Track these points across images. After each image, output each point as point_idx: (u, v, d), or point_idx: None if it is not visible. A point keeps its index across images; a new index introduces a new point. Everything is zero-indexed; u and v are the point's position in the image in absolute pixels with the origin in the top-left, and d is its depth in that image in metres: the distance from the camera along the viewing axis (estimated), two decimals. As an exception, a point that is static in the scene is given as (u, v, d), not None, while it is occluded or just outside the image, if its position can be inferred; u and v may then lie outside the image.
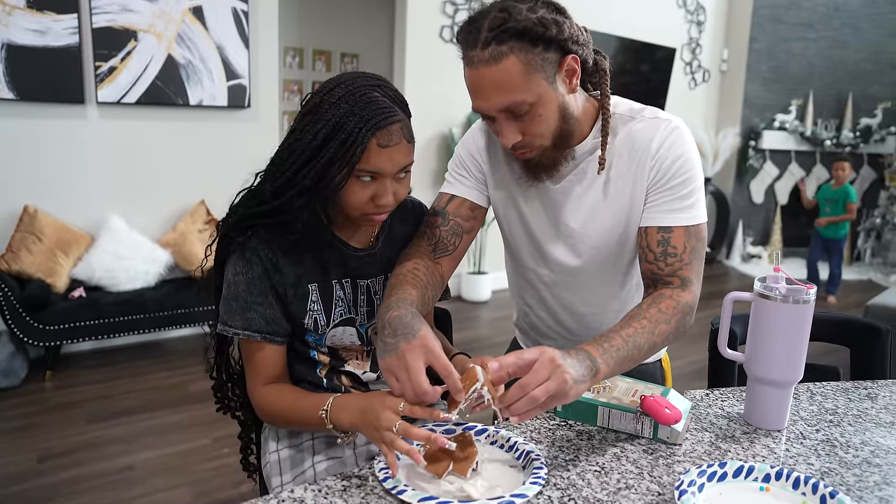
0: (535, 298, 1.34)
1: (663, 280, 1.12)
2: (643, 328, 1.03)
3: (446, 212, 1.22)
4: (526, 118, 1.04)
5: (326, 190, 1.01)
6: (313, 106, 1.01)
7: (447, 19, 4.51)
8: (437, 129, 4.61)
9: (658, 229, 1.13)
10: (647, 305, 1.08)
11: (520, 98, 1.01)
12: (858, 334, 1.52)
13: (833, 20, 6.18)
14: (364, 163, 0.99)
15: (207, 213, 3.72)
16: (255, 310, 1.08)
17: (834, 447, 1.06)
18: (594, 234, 1.20)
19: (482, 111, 1.06)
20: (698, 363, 3.71)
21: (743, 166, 6.29)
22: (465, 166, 1.26)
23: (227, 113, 3.78)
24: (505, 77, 1.00)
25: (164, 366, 3.36)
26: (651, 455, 1.01)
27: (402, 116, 1.02)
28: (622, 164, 1.15)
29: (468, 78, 1.04)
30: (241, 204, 1.09)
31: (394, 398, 0.91)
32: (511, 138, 1.06)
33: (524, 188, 1.22)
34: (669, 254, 1.12)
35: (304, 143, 1.00)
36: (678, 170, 1.12)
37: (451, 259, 1.21)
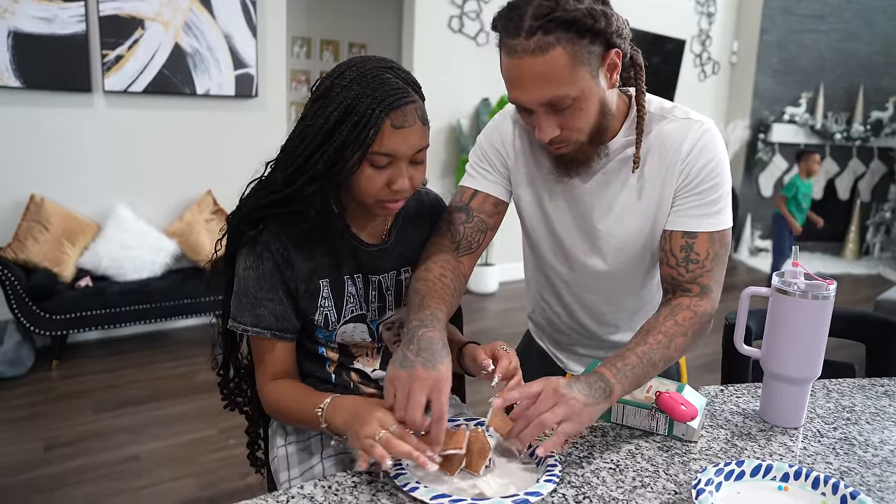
0: (554, 295, 1.31)
1: (682, 287, 1.10)
2: (658, 343, 1.02)
3: (470, 208, 1.19)
4: (566, 112, 1.00)
5: (340, 175, 0.98)
6: (324, 90, 0.99)
7: (455, 9, 4.47)
8: (446, 120, 4.58)
9: (683, 234, 1.11)
10: (664, 317, 1.06)
11: (563, 92, 0.97)
12: (874, 330, 1.49)
13: (845, 12, 6.11)
14: (378, 145, 0.96)
15: (214, 203, 3.70)
16: (266, 306, 1.05)
17: (852, 446, 1.04)
18: (620, 235, 1.17)
19: (520, 103, 1.01)
20: (709, 356, 3.68)
21: (752, 159, 6.23)
22: (488, 160, 1.21)
23: (235, 102, 3.76)
24: (550, 69, 0.95)
25: (171, 356, 3.36)
26: (666, 452, 0.99)
27: (415, 98, 1.00)
28: (653, 165, 1.12)
29: (507, 68, 0.99)
30: (252, 195, 1.07)
31: (390, 416, 0.88)
32: (549, 133, 1.02)
33: (550, 184, 1.18)
34: (692, 260, 1.10)
35: (316, 128, 0.97)
36: (708, 174, 1.09)
37: (472, 257, 1.19)
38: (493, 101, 4.64)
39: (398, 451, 0.84)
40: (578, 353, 1.38)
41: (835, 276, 5.57)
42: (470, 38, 4.57)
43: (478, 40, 4.59)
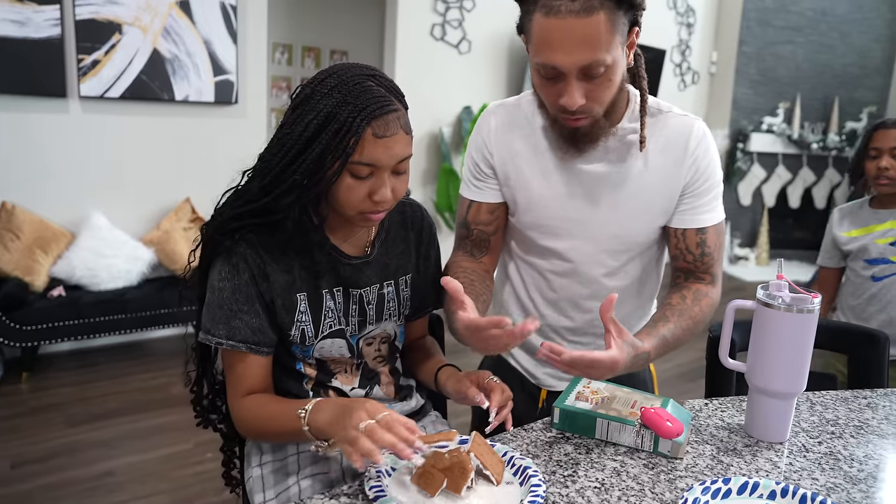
0: (540, 293, 1.28)
1: (696, 276, 1.20)
2: (686, 329, 1.12)
3: (468, 223, 1.26)
4: (596, 81, 1.01)
5: (319, 185, 0.96)
6: (304, 97, 0.96)
7: (438, 17, 4.46)
8: (427, 128, 4.56)
9: (696, 231, 1.18)
10: (692, 301, 1.15)
11: (602, 57, 0.98)
12: (857, 341, 1.50)
13: (820, 25, 6.21)
14: (358, 154, 0.94)
15: (193, 211, 3.65)
16: (241, 318, 1.02)
17: (838, 460, 1.03)
18: (616, 221, 1.18)
19: (557, 66, 1.00)
20: (687, 365, 3.70)
21: (731, 168, 6.29)
22: (475, 166, 1.24)
23: (214, 109, 3.71)
24: (593, 32, 0.96)
25: (146, 367, 3.29)
26: (652, 470, 0.97)
27: (398, 106, 0.98)
28: (656, 156, 1.15)
29: (547, 28, 0.97)
30: (227, 205, 1.03)
31: (378, 405, 0.87)
32: (578, 100, 1.02)
33: (545, 167, 1.18)
34: (706, 254, 1.19)
35: (295, 136, 0.95)
36: (712, 171, 1.16)
37: (490, 256, 1.28)
38: (475, 109, 4.63)
39: (382, 441, 0.82)
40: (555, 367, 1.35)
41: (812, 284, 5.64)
42: (452, 47, 4.56)
43: (460, 48, 4.58)
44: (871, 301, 1.88)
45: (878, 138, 1.86)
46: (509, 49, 4.82)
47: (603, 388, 1.14)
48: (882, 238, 1.85)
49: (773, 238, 6.52)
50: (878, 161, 1.84)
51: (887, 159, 1.82)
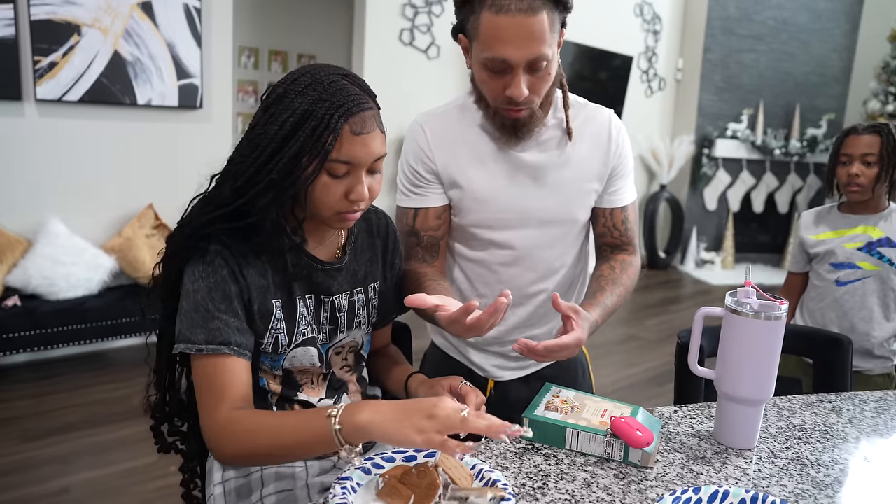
0: (489, 287, 1.32)
1: (621, 247, 1.34)
2: (620, 296, 1.25)
3: (417, 230, 1.29)
4: (537, 74, 1.12)
5: (296, 184, 0.93)
6: (277, 97, 0.94)
7: (406, 22, 4.45)
8: (395, 133, 4.53)
9: (621, 209, 1.33)
10: (620, 271, 1.29)
11: (545, 52, 1.09)
12: (821, 346, 1.51)
13: (781, 34, 6.35)
14: (337, 151, 0.92)
15: (156, 217, 3.56)
16: (219, 318, 0.94)
17: (805, 466, 1.04)
18: (556, 205, 1.28)
19: (506, 59, 1.08)
20: (654, 370, 3.73)
21: (697, 173, 6.39)
22: (415, 175, 1.28)
23: (178, 113, 3.63)
24: (539, 29, 1.06)
25: (108, 378, 3.19)
26: (622, 480, 0.96)
27: (373, 105, 0.97)
28: (585, 143, 1.27)
29: (498, 25, 1.06)
30: (196, 212, 0.98)
31: (455, 404, 0.80)
32: (524, 91, 1.11)
33: (486, 163, 1.25)
34: (629, 228, 1.34)
35: (269, 135, 0.92)
36: (629, 155, 1.32)
37: (441, 260, 1.32)
38: (445, 114, 4.63)
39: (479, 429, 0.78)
40: (510, 357, 1.38)
41: (775, 287, 5.74)
42: (421, 52, 4.55)
43: (429, 54, 4.58)
44: (832, 306, 1.90)
45: (848, 144, 1.86)
46: (478, 54, 4.83)
47: (573, 397, 1.13)
48: (850, 242, 1.87)
49: (738, 242, 6.64)
50: (849, 168, 1.84)
51: (858, 166, 1.83)
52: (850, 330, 1.82)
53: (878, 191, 1.84)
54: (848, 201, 1.92)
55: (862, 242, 1.85)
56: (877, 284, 1.85)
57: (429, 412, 0.79)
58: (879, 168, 1.80)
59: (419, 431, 0.78)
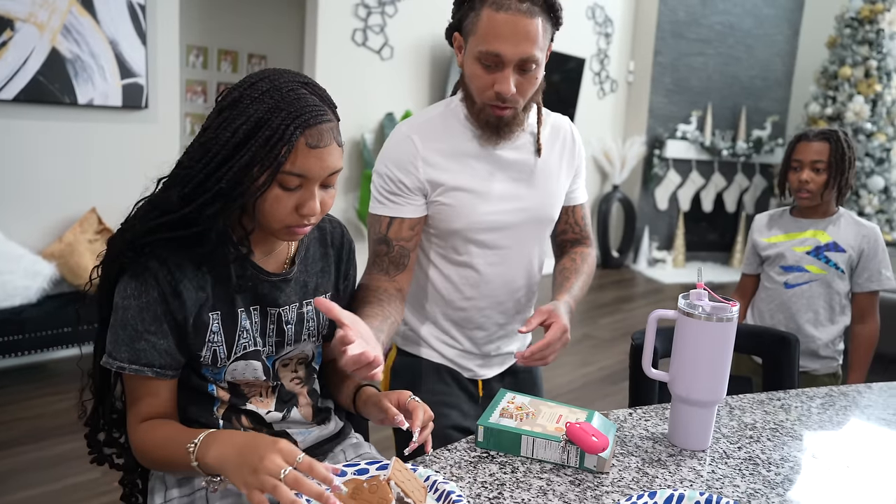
0: (475, 287, 1.35)
1: (580, 242, 1.46)
2: (585, 284, 1.38)
3: (389, 238, 1.28)
4: (526, 75, 1.19)
5: (245, 195, 0.89)
6: (232, 101, 0.90)
7: (359, 22, 4.40)
8: (349, 134, 4.48)
9: (581, 206, 1.46)
10: (581, 261, 1.41)
11: (536, 54, 1.16)
12: (770, 344, 1.54)
13: (728, 38, 6.52)
14: (291, 164, 0.89)
15: (99, 221, 3.42)
16: (147, 339, 0.93)
17: (757, 465, 1.05)
18: (538, 204, 1.34)
19: (501, 54, 1.15)
20: (609, 368, 3.77)
21: (648, 174, 6.51)
22: (397, 183, 1.26)
23: (122, 114, 3.50)
24: (534, 31, 1.15)
25: (50, 390, 3.05)
26: (578, 487, 0.95)
27: (332, 117, 0.93)
28: (554, 147, 1.37)
29: (497, 21, 1.13)
30: (140, 216, 0.94)
31: (293, 447, 0.79)
32: (511, 87, 1.17)
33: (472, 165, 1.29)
34: (587, 224, 1.48)
35: (221, 142, 0.88)
36: (584, 156, 1.43)
37: (405, 272, 1.30)
38: (398, 115, 4.59)
39: (310, 492, 0.75)
40: (490, 356, 1.42)
41: (724, 284, 5.90)
42: (374, 52, 4.50)
43: (382, 54, 4.53)
44: (780, 308, 1.95)
45: (799, 150, 1.89)
46: (431, 55, 4.81)
47: (528, 402, 1.12)
48: (800, 246, 1.92)
49: (689, 241, 6.79)
50: (800, 174, 1.88)
51: (808, 173, 1.86)
52: (797, 331, 1.86)
53: (826, 196, 1.88)
54: (799, 206, 1.96)
55: (810, 246, 1.90)
56: (823, 288, 1.89)
57: (254, 466, 0.77)
58: (828, 175, 1.85)
59: (245, 485, 0.77)
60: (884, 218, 5.54)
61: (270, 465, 0.76)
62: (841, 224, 1.90)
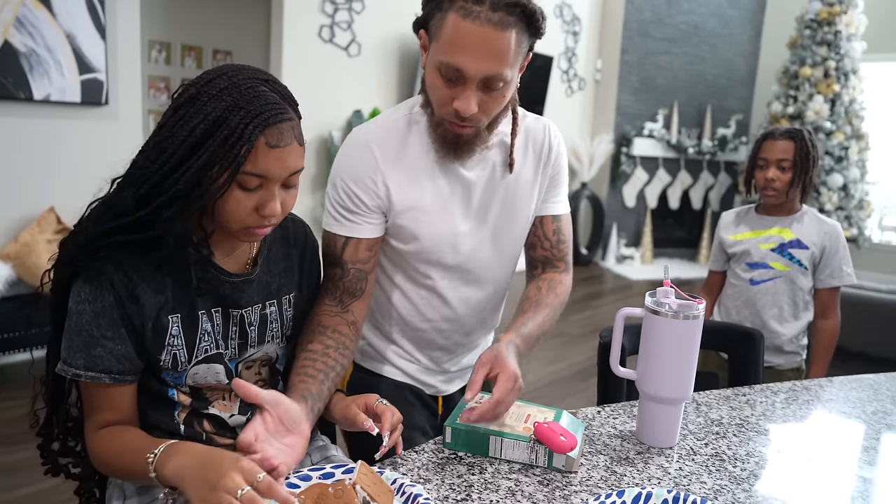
0: (436, 311, 1.25)
1: (553, 264, 1.29)
2: (548, 317, 1.20)
3: (344, 261, 1.15)
4: (491, 94, 1.04)
5: (204, 197, 0.86)
6: (189, 98, 0.86)
7: (326, 18, 4.35)
8: (316, 132, 4.43)
9: (553, 218, 1.27)
10: (546, 291, 1.24)
11: (504, 72, 1.02)
12: (735, 340, 1.56)
13: (693, 37, 6.62)
14: (251, 164, 0.86)
15: (58, 221, 3.33)
16: (104, 345, 0.90)
17: (723, 461, 1.05)
18: (505, 222, 1.23)
19: (463, 70, 1.00)
20: (579, 365, 3.80)
21: (616, 171, 6.58)
22: (354, 199, 1.14)
23: (81, 110, 3.40)
24: (504, 47, 0.99)
25: (6, 395, 2.95)
26: (547, 487, 0.94)
27: (293, 115, 0.90)
28: (525, 157, 1.22)
29: (463, 31, 0.98)
30: (93, 218, 0.91)
31: (253, 464, 0.77)
32: (472, 107, 1.03)
33: (436, 184, 1.17)
34: (561, 241, 1.29)
35: (178, 141, 0.85)
36: (565, 166, 1.27)
37: (361, 301, 1.16)
38: (366, 113, 4.55)
39: None
40: (451, 372, 1.34)
41: (690, 280, 5.99)
42: (341, 49, 4.46)
43: (349, 51, 4.49)
44: (746, 304, 1.97)
45: (765, 149, 1.92)
46: (400, 52, 4.78)
47: (496, 402, 1.10)
48: (765, 243, 1.94)
49: (656, 238, 6.88)
50: (766, 172, 1.90)
51: (773, 171, 1.89)
52: (762, 327, 1.89)
53: (791, 194, 1.91)
54: (764, 203, 1.99)
55: (775, 244, 1.93)
56: (787, 285, 1.93)
57: (213, 483, 0.75)
58: (793, 173, 1.88)
59: (202, 502, 0.75)
60: (843, 214, 5.68)
61: (229, 483, 0.74)
62: (805, 221, 1.93)
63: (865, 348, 3.09)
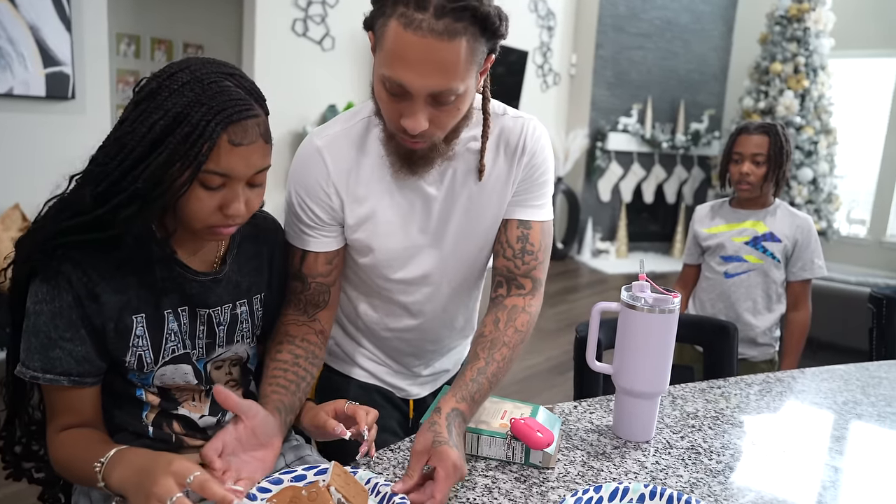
0: (403, 323, 1.21)
1: (517, 281, 1.11)
2: (504, 359, 1.04)
3: (303, 274, 1.10)
4: (443, 108, 0.93)
5: (165, 196, 0.83)
6: (149, 92, 0.83)
7: (300, 12, 4.29)
8: (290, 127, 4.38)
9: (518, 223, 1.12)
10: (504, 324, 1.07)
11: (455, 86, 0.90)
12: (710, 333, 1.57)
13: (666, 33, 6.67)
14: (213, 162, 0.83)
15: (24, 218, 3.24)
16: (62, 346, 0.87)
17: (699, 454, 1.06)
18: (469, 233, 1.13)
19: (405, 86, 0.89)
20: (555, 359, 3.81)
21: (591, 166, 6.61)
22: (308, 213, 1.08)
23: (46, 104, 3.32)
24: (452, 59, 0.87)
25: (-30, 398, 2.87)
26: (524, 483, 0.93)
27: (258, 111, 0.87)
28: (499, 162, 1.10)
29: (404, 42, 0.86)
30: (51, 216, 0.88)
31: (186, 464, 0.74)
32: (421, 124, 0.92)
33: (393, 197, 1.09)
34: (527, 251, 1.11)
35: (137, 137, 0.82)
36: (546, 169, 1.12)
37: (326, 310, 1.12)
38: (340, 107, 4.51)
39: None
40: (422, 376, 1.31)
41: (665, 274, 6.05)
42: (315, 43, 4.41)
43: (323, 45, 4.44)
44: (720, 297, 1.99)
45: (740, 143, 1.93)
46: (375, 47, 4.74)
47: (473, 398, 1.09)
48: (739, 237, 1.96)
49: (631, 232, 6.93)
50: (741, 166, 1.92)
51: (748, 165, 1.91)
52: (736, 319, 1.91)
53: (765, 188, 1.93)
54: (738, 197, 2.00)
55: (749, 237, 1.95)
56: (760, 277, 1.95)
57: (147, 492, 0.73)
58: (767, 167, 1.90)
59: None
60: (812, 208, 5.78)
61: (160, 491, 0.72)
62: (778, 215, 1.95)
63: (835, 339, 3.14)
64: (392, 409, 1.28)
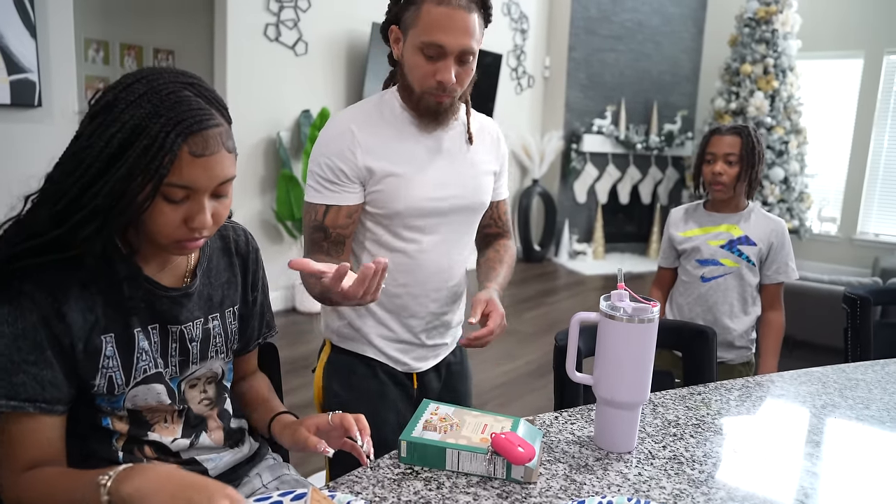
0: (409, 275, 1.35)
1: (501, 235, 1.57)
2: (510, 269, 1.50)
3: (325, 226, 1.29)
4: (464, 67, 1.25)
5: (126, 212, 0.80)
6: (106, 104, 0.81)
7: (272, 17, 4.24)
8: (264, 133, 4.33)
9: (503, 202, 1.55)
10: (503, 251, 1.52)
11: (474, 47, 1.23)
12: (689, 338, 1.57)
13: (637, 35, 6.73)
14: (175, 175, 0.80)
15: (-13, 230, 3.16)
16: (26, 371, 0.83)
17: (681, 464, 1.05)
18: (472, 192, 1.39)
19: (444, 45, 1.20)
20: (535, 362, 3.81)
21: (566, 168, 6.64)
22: (336, 171, 1.28)
23: (11, 113, 3.23)
24: (473, 25, 1.22)
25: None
26: (506, 500, 0.92)
27: (220, 121, 0.85)
28: (482, 143, 1.43)
29: (440, 14, 1.19)
30: (6, 238, 0.84)
31: (240, 497, 0.71)
32: (453, 77, 1.23)
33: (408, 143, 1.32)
34: (508, 219, 1.59)
35: (95, 152, 0.79)
36: (507, 155, 1.52)
37: (346, 256, 1.34)
38: (314, 112, 4.46)
39: None
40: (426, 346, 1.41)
41: (642, 274, 6.09)
42: (288, 48, 4.36)
43: (296, 50, 4.39)
44: (698, 301, 2.00)
45: (713, 143, 1.95)
46: (348, 50, 4.71)
47: (451, 413, 1.08)
48: (714, 240, 1.97)
49: (607, 233, 6.98)
50: (713, 166, 1.93)
51: (721, 165, 1.92)
52: (713, 323, 1.92)
53: (738, 189, 1.94)
54: (712, 200, 2.01)
55: (724, 240, 1.96)
56: (736, 280, 1.96)
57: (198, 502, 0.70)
58: (740, 167, 1.91)
59: None
60: (784, 207, 5.86)
61: None
62: (752, 219, 1.96)
63: (810, 337, 3.19)
64: (394, 385, 1.40)
